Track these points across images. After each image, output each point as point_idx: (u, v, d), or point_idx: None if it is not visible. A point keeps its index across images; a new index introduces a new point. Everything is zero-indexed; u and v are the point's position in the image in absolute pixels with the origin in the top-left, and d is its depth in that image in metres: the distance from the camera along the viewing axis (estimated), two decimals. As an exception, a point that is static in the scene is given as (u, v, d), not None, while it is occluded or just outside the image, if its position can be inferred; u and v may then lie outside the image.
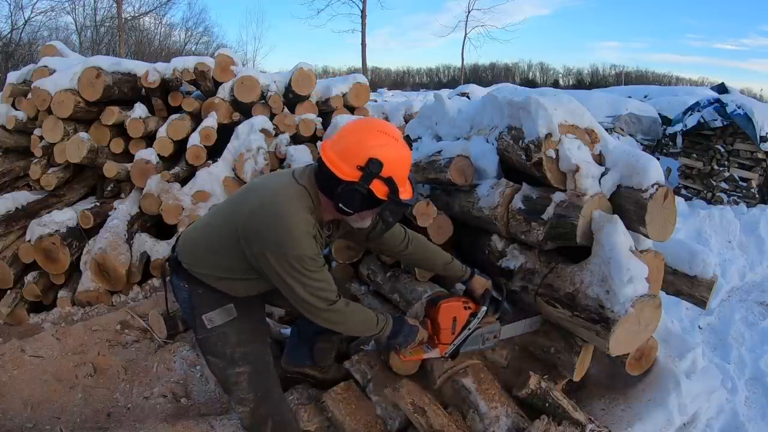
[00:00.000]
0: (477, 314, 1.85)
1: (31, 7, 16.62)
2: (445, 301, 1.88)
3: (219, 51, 4.59)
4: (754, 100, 6.21)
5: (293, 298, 1.49)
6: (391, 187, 1.43)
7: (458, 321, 1.84)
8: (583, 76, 45.55)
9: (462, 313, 1.85)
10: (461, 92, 9.75)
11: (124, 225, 3.88)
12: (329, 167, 1.42)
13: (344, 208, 1.44)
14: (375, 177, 1.39)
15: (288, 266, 1.42)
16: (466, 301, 1.89)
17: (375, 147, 1.40)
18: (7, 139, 4.33)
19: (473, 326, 1.85)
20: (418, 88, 38.08)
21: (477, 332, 1.87)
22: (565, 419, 1.80)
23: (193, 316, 1.65)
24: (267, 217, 1.43)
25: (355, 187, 1.40)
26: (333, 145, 1.46)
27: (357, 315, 1.61)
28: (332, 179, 1.42)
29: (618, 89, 10.94)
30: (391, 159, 1.42)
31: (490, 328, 1.91)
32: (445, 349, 1.86)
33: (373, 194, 1.42)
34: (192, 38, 23.24)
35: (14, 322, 3.59)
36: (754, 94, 23.82)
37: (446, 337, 1.85)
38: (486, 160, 2.31)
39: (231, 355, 1.67)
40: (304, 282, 1.45)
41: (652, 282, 1.86)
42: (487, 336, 1.91)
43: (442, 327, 1.83)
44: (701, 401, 2.27)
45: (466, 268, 1.97)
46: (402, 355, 1.82)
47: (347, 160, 1.41)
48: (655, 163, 1.86)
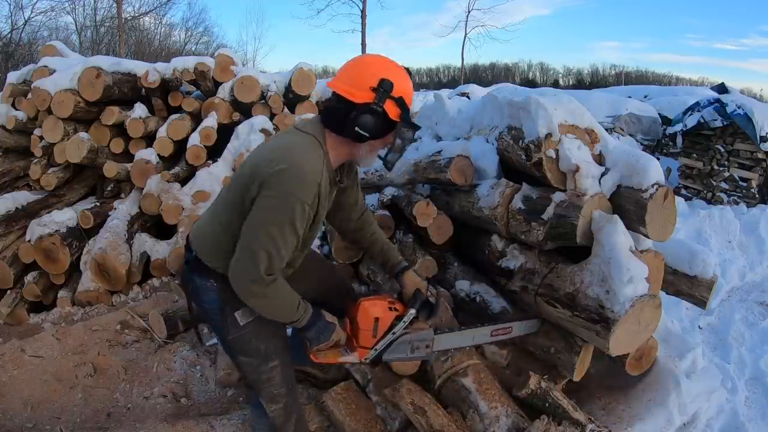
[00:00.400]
0: (404, 317, 1.64)
1: (31, 7, 16.63)
2: (368, 299, 1.68)
3: (219, 51, 4.60)
4: (754, 100, 6.21)
5: (246, 247, 1.40)
6: (403, 107, 1.47)
7: (381, 323, 1.63)
8: (583, 76, 45.56)
9: (386, 314, 1.64)
10: (461, 92, 9.74)
11: (124, 225, 3.88)
12: (343, 95, 1.44)
13: (361, 132, 1.44)
14: (388, 96, 1.43)
15: (278, 211, 1.38)
16: (392, 302, 1.68)
17: (384, 69, 1.46)
18: (7, 139, 4.33)
19: (399, 331, 1.64)
20: (418, 88, 38.10)
21: (404, 338, 1.66)
22: (565, 419, 1.80)
23: (224, 315, 1.57)
24: (278, 160, 1.40)
25: (372, 107, 1.42)
26: (341, 78, 1.48)
27: (282, 295, 1.49)
28: (345, 108, 1.44)
29: (618, 89, 10.94)
30: (400, 80, 1.46)
31: (421, 335, 1.69)
32: (364, 353, 1.65)
33: (387, 116, 1.45)
34: (192, 38, 23.25)
35: (14, 322, 3.59)
36: (754, 94, 23.82)
37: (366, 340, 1.64)
38: (486, 160, 2.31)
39: (264, 350, 1.63)
40: (274, 235, 1.38)
41: (652, 282, 1.86)
42: (417, 344, 1.69)
43: (362, 328, 1.63)
44: (701, 401, 2.27)
45: (402, 261, 1.85)
46: (313, 354, 1.62)
47: (359, 85, 1.44)
48: (655, 163, 1.86)
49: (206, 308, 1.62)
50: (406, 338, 1.67)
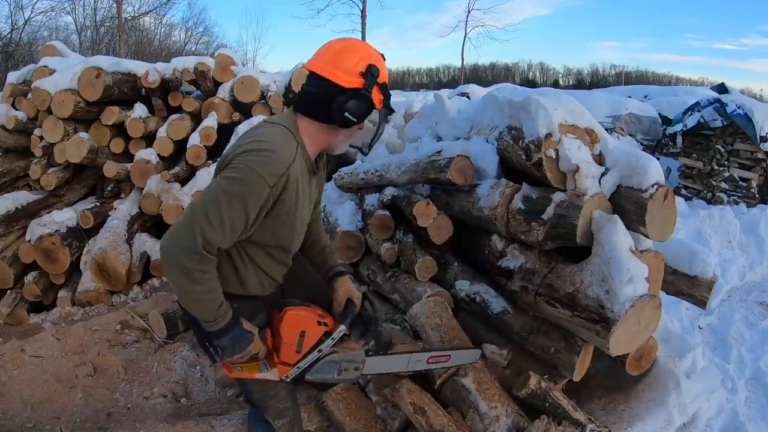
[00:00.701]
0: (332, 334, 1.43)
1: (31, 7, 16.62)
2: (293, 308, 1.44)
3: (219, 51, 4.60)
4: (754, 100, 6.21)
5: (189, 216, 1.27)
6: (386, 94, 1.44)
7: (307, 338, 1.42)
8: (583, 76, 45.60)
9: (314, 328, 1.43)
10: (461, 92, 9.74)
11: (124, 225, 3.88)
12: (330, 79, 1.37)
13: (350, 117, 1.38)
14: (375, 83, 1.39)
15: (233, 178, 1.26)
16: (322, 315, 1.47)
17: (370, 55, 1.42)
18: (7, 139, 4.33)
19: (326, 349, 1.43)
20: (418, 88, 38.09)
21: (331, 358, 1.46)
22: (565, 419, 1.80)
23: None
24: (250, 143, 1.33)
25: (362, 92, 1.38)
26: (326, 60, 1.40)
27: (209, 286, 1.31)
28: (331, 92, 1.37)
29: (618, 89, 10.94)
30: (383, 66, 1.44)
31: (351, 356, 1.49)
32: (286, 371, 1.44)
33: (371, 102, 1.41)
34: (192, 38, 23.25)
35: (14, 322, 3.59)
36: (754, 94, 23.82)
37: (289, 355, 1.43)
38: (486, 160, 2.31)
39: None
40: (221, 206, 1.24)
41: (652, 282, 1.86)
42: (346, 366, 1.49)
43: (285, 341, 1.42)
44: (701, 401, 2.27)
45: (339, 264, 1.70)
46: (226, 366, 1.42)
47: (347, 69, 1.38)
48: (655, 163, 1.86)
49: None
50: (333, 357, 1.47)
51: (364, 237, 2.79)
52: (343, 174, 3.26)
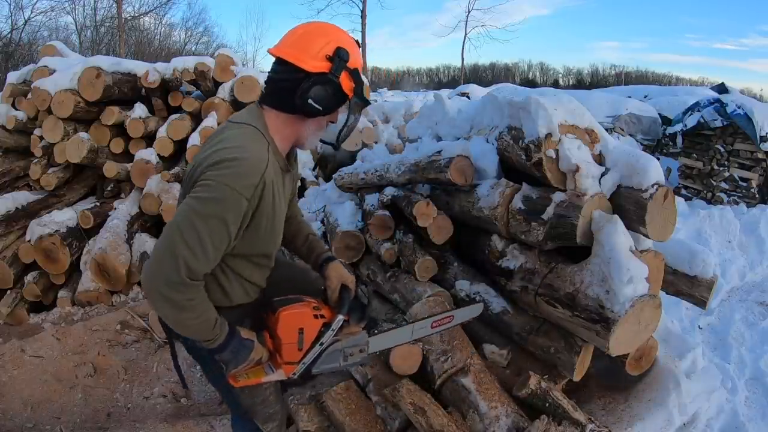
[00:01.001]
0: (331, 325, 1.42)
1: (31, 7, 16.63)
2: (287, 308, 1.41)
3: (219, 51, 4.60)
4: (754, 100, 6.22)
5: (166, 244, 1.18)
6: (357, 81, 1.33)
7: (306, 333, 1.41)
8: (583, 76, 45.61)
9: (311, 323, 1.41)
10: (461, 92, 9.76)
11: (124, 225, 3.88)
12: (294, 63, 1.27)
13: (314, 105, 1.28)
14: (344, 68, 1.29)
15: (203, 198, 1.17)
16: (317, 307, 1.44)
17: (339, 37, 1.31)
18: (7, 139, 4.33)
19: (327, 340, 1.42)
20: (418, 88, 38.07)
21: (335, 347, 1.45)
22: (565, 419, 1.80)
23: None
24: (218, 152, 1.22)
25: (328, 77, 1.27)
26: (290, 44, 1.30)
27: (200, 309, 1.25)
28: (296, 79, 1.27)
29: (618, 89, 10.94)
30: (354, 51, 1.33)
31: (354, 341, 1.48)
32: (291, 369, 1.43)
33: (340, 89, 1.30)
34: (192, 38, 23.27)
35: (14, 322, 3.59)
36: (754, 94, 23.82)
37: (291, 354, 1.41)
38: (486, 160, 2.31)
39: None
40: (199, 229, 1.16)
41: (652, 282, 1.86)
42: (350, 351, 1.48)
43: (285, 342, 1.39)
44: (701, 401, 2.27)
45: (327, 250, 1.64)
46: (232, 377, 1.40)
47: (313, 52, 1.27)
48: (655, 163, 1.85)
49: (196, 347, 1.41)
50: (337, 346, 1.46)
51: (364, 237, 2.79)
52: (343, 174, 3.26)
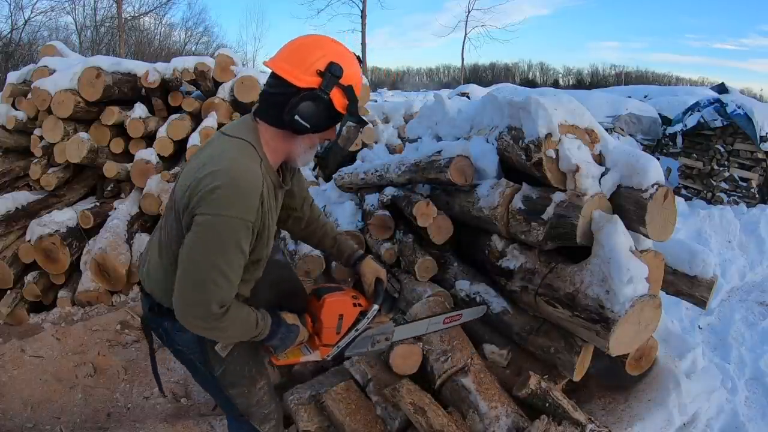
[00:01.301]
0: (367, 313, 1.55)
1: (31, 7, 16.62)
2: (331, 295, 1.56)
3: (219, 51, 4.59)
4: (754, 100, 6.22)
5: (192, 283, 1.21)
6: (351, 98, 1.29)
7: (345, 319, 1.55)
8: (583, 76, 45.60)
9: (350, 310, 1.55)
10: (461, 92, 9.76)
11: (124, 225, 3.88)
12: (284, 78, 1.24)
13: (300, 122, 1.24)
14: (336, 83, 1.25)
15: (216, 235, 1.19)
16: (355, 297, 1.59)
17: (333, 52, 1.27)
18: (7, 139, 4.33)
19: (362, 327, 1.56)
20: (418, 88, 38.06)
21: (366, 334, 1.59)
22: (565, 419, 1.80)
23: (204, 352, 1.44)
24: (212, 174, 1.21)
25: (317, 93, 1.24)
26: (283, 57, 1.27)
27: (239, 321, 1.31)
28: (286, 94, 1.25)
29: (618, 89, 10.94)
30: (351, 66, 1.28)
31: (382, 329, 1.65)
32: (327, 351, 1.56)
33: (332, 106, 1.27)
34: (192, 38, 23.26)
35: (14, 322, 3.59)
36: (754, 94, 23.82)
37: (329, 337, 1.55)
38: (486, 160, 2.31)
39: (249, 374, 1.55)
40: (219, 265, 1.20)
41: (652, 282, 1.86)
42: (378, 338, 1.65)
43: (326, 326, 1.53)
44: (701, 401, 2.27)
45: (357, 249, 1.71)
46: (275, 358, 1.52)
47: (304, 67, 1.24)
48: (655, 163, 1.85)
49: (182, 350, 1.47)
50: (368, 333, 1.61)
51: (364, 237, 2.79)
52: (343, 174, 3.26)
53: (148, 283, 1.44)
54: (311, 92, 1.24)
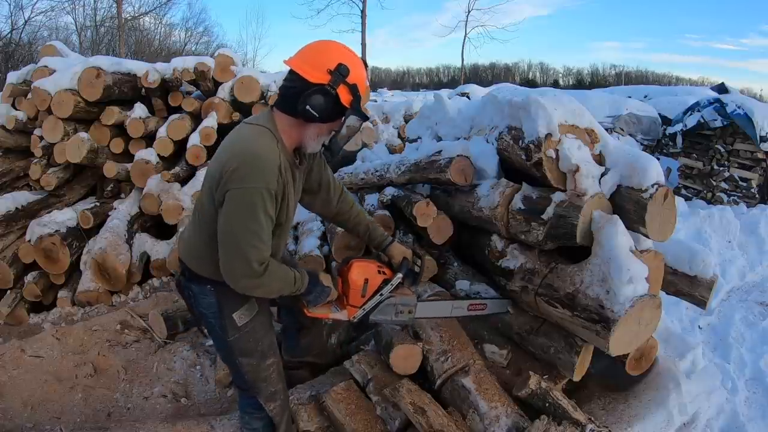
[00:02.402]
0: (391, 281, 1.76)
1: (31, 7, 16.56)
2: (358, 260, 1.80)
3: (219, 51, 4.59)
4: (754, 100, 6.21)
5: (232, 249, 1.45)
6: (355, 95, 1.50)
7: (370, 284, 1.75)
8: (583, 76, 45.65)
9: (375, 276, 1.76)
10: (461, 92, 9.76)
11: (124, 225, 3.88)
12: (299, 73, 1.47)
13: (311, 111, 1.46)
14: (342, 81, 1.46)
15: (246, 202, 1.41)
16: (381, 266, 1.80)
17: (342, 54, 1.49)
18: (7, 139, 4.33)
19: (386, 293, 1.76)
20: (418, 88, 38.08)
21: (390, 301, 1.78)
22: (565, 419, 1.80)
23: (222, 318, 1.63)
24: (235, 156, 1.44)
25: (326, 88, 1.45)
26: (300, 57, 1.51)
27: (279, 276, 1.55)
28: (300, 87, 1.46)
29: (618, 89, 10.92)
30: (356, 67, 1.50)
31: (405, 300, 1.82)
32: (353, 312, 1.77)
33: (338, 100, 1.47)
34: (192, 38, 23.20)
35: (14, 322, 3.59)
36: (754, 94, 23.80)
37: (355, 298, 1.76)
38: (486, 160, 2.31)
39: (261, 348, 1.70)
40: (252, 227, 1.42)
41: (652, 282, 1.86)
42: (401, 308, 1.81)
43: (352, 287, 1.74)
44: (701, 401, 2.27)
45: (387, 235, 1.96)
46: (307, 310, 1.74)
47: (316, 65, 1.46)
48: (655, 163, 1.85)
49: (204, 313, 1.67)
50: (391, 301, 1.78)
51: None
52: (343, 174, 3.26)
53: (183, 251, 1.69)
54: (321, 87, 1.45)
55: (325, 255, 2.82)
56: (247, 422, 1.85)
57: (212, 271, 1.58)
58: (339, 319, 1.81)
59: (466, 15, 24.44)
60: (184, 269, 1.67)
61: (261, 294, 1.58)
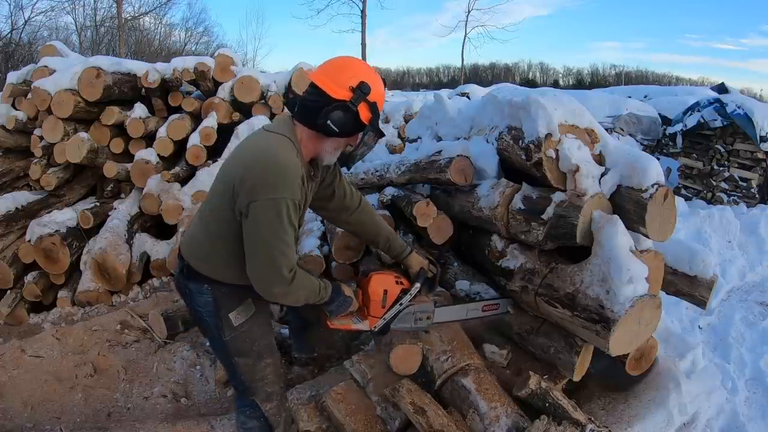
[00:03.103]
0: (409, 290, 1.83)
1: (31, 7, 16.56)
2: (377, 272, 1.88)
3: (219, 51, 4.59)
4: (754, 100, 6.21)
5: (263, 258, 1.48)
6: (374, 112, 1.54)
7: (389, 295, 1.82)
8: (583, 76, 45.66)
9: (393, 287, 1.83)
10: (461, 92, 9.75)
11: (124, 225, 3.88)
12: (322, 89, 1.50)
13: (331, 126, 1.49)
14: (363, 99, 1.50)
15: (274, 213, 1.44)
16: (398, 277, 1.87)
17: (364, 73, 1.53)
18: (7, 139, 4.33)
19: (405, 302, 1.83)
20: (418, 88, 38.09)
21: (409, 310, 1.85)
22: (565, 419, 1.80)
23: (218, 317, 1.65)
24: (259, 164, 1.47)
25: (348, 105, 1.49)
26: (323, 72, 1.54)
27: (305, 284, 1.60)
28: (321, 102, 1.49)
29: (618, 89, 10.91)
30: (377, 86, 1.54)
31: (423, 307, 1.89)
32: (374, 322, 1.84)
33: (358, 117, 1.51)
34: (192, 38, 23.20)
35: (14, 322, 3.59)
36: (754, 94, 23.79)
37: (376, 309, 1.82)
38: (486, 160, 2.31)
39: (257, 349, 1.71)
40: (281, 236, 1.46)
41: (652, 282, 1.86)
42: (420, 316, 1.89)
43: (372, 299, 1.82)
44: (701, 401, 2.27)
45: (406, 246, 2.00)
46: (330, 321, 1.80)
47: (339, 82, 1.50)
48: (655, 163, 1.85)
49: (201, 311, 1.68)
50: (410, 309, 1.85)
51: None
52: (343, 174, 3.25)
53: (184, 248, 1.69)
54: (343, 103, 1.49)
55: (325, 255, 2.82)
56: (243, 422, 1.85)
57: (211, 269, 1.61)
58: (360, 329, 1.86)
59: (466, 15, 24.46)
60: (183, 266, 1.68)
61: (290, 302, 1.62)
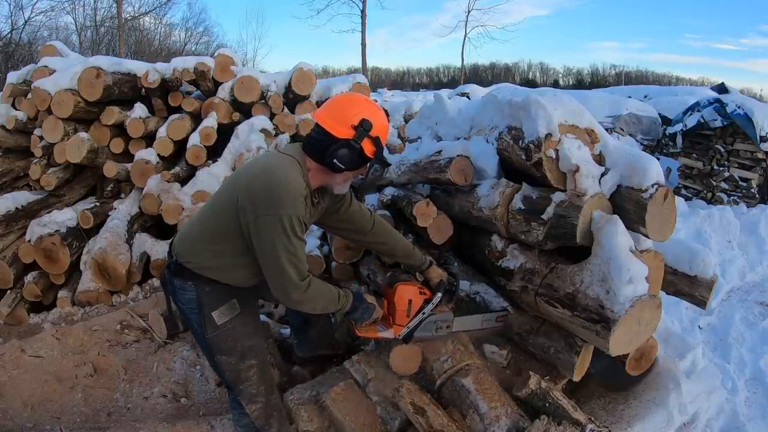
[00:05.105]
0: (432, 300, 1.92)
1: (31, 7, 16.57)
2: (402, 283, 1.96)
3: (219, 51, 4.59)
4: (754, 100, 6.22)
5: (274, 269, 1.56)
6: (378, 146, 1.64)
7: (413, 304, 1.91)
8: (583, 76, 45.64)
9: (417, 297, 1.92)
10: (461, 92, 9.75)
11: (124, 225, 3.88)
12: (326, 129, 1.60)
13: (338, 164, 1.60)
14: (366, 135, 1.59)
15: (279, 228, 1.51)
16: (421, 288, 1.97)
17: (365, 110, 1.61)
18: (7, 139, 4.33)
19: (427, 312, 1.91)
20: (418, 88, 38.08)
21: (431, 319, 1.93)
22: (565, 419, 1.80)
23: (201, 315, 1.68)
24: (265, 180, 1.55)
25: (351, 143, 1.58)
26: (326, 112, 1.63)
27: (322, 292, 1.68)
28: (327, 141, 1.59)
29: (618, 89, 10.93)
30: (379, 121, 1.63)
31: (444, 316, 1.98)
32: (399, 330, 1.91)
33: (363, 152, 1.61)
34: (192, 38, 23.19)
35: (14, 322, 3.59)
36: (754, 94, 23.79)
37: (401, 318, 1.91)
38: (486, 160, 2.31)
39: (240, 349, 1.73)
40: (288, 249, 1.53)
41: (652, 282, 1.86)
42: (440, 324, 1.98)
43: (398, 308, 1.90)
44: (701, 401, 2.27)
45: (425, 258, 2.06)
46: (357, 330, 1.87)
47: (342, 121, 1.59)
48: (655, 163, 1.85)
49: (184, 309, 1.72)
50: (432, 318, 1.94)
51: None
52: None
53: (177, 245, 1.72)
54: (347, 142, 1.59)
55: (325, 255, 2.82)
56: (236, 418, 1.88)
57: (197, 265, 1.64)
58: (386, 337, 1.93)
59: (466, 15, 24.50)
60: (171, 263, 1.71)
61: (308, 309, 1.68)
